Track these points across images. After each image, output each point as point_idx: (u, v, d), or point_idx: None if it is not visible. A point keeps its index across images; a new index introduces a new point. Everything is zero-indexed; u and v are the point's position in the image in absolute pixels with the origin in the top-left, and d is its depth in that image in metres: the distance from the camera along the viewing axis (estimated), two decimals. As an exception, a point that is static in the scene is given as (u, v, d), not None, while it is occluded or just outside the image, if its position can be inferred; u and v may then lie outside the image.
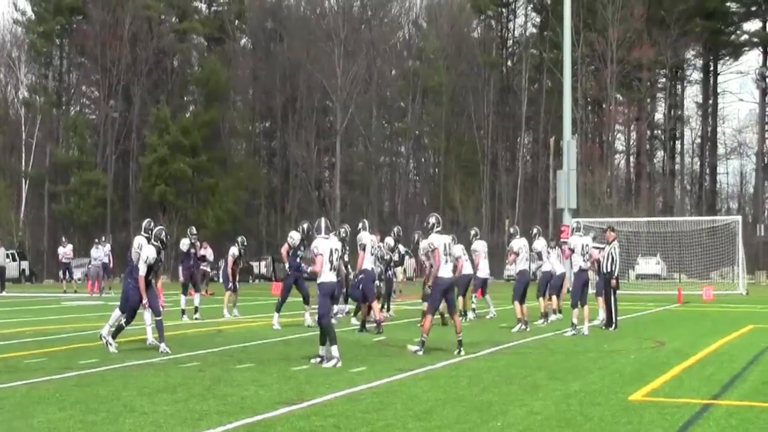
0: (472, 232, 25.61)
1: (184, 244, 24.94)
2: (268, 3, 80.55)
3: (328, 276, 14.24)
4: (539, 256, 22.17)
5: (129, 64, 71.77)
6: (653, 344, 17.91)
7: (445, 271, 15.74)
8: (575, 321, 19.81)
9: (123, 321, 16.37)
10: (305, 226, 21.22)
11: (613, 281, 21.25)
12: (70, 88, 79.30)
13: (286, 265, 21.90)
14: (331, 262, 14.25)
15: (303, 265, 20.78)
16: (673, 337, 19.36)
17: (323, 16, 77.13)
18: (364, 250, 20.49)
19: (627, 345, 18.00)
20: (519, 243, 21.29)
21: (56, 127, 75.07)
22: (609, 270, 21.30)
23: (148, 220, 17.60)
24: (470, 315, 23.86)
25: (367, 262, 20.61)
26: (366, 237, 20.82)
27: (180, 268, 25.80)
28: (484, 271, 24.47)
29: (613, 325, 21.27)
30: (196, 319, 23.76)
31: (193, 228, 25.95)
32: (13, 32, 78.21)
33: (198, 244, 26.28)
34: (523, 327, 20.52)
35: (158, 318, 16.04)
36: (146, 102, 73.30)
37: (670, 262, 53.06)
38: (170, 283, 49.17)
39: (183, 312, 24.18)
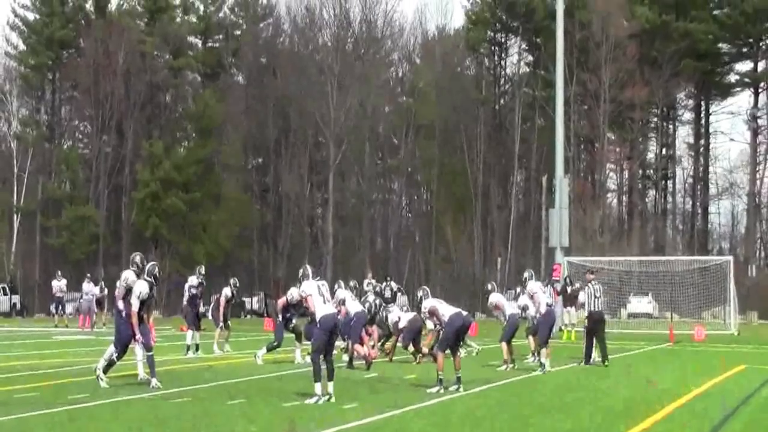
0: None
1: (193, 282, 24.84)
2: (262, 39, 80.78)
3: (324, 309, 14.26)
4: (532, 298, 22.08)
5: (122, 99, 71.70)
6: (645, 383, 17.90)
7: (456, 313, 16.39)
8: (544, 360, 19.98)
9: (114, 356, 16.30)
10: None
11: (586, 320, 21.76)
12: (62, 122, 79.27)
13: (279, 317, 22.07)
14: (323, 295, 14.36)
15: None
16: (665, 376, 19.35)
17: (317, 51, 77.40)
18: (344, 304, 20.61)
19: (618, 383, 18.00)
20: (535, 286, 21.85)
21: (48, 160, 74.95)
22: (594, 309, 21.80)
23: (138, 254, 17.28)
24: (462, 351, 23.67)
25: (355, 306, 20.99)
26: (341, 293, 21.10)
27: (187, 306, 25.12)
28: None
29: (589, 361, 21.77)
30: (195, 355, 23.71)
31: (202, 267, 25.90)
32: (5, 66, 78.31)
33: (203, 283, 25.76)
34: (510, 366, 20.62)
35: (149, 353, 16.00)
36: (139, 136, 73.24)
37: (662, 301, 53.05)
38: (162, 318, 49.06)
39: (197, 348, 24.08)
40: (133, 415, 12.56)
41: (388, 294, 37.80)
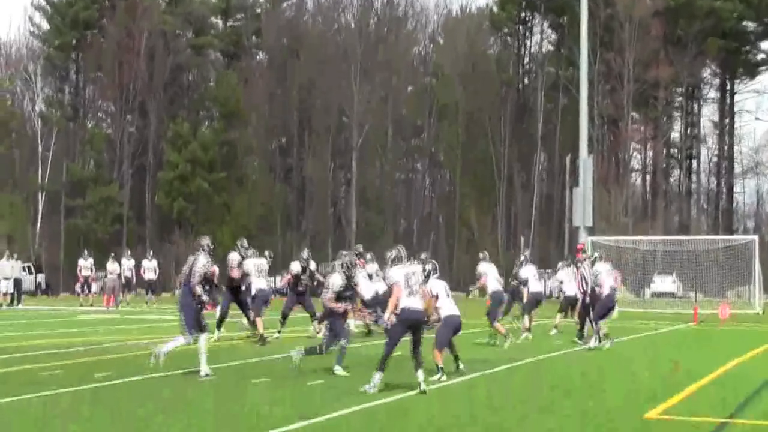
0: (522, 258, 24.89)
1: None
2: (284, 20, 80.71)
3: (407, 302, 13.16)
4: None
5: (145, 79, 71.99)
6: (668, 363, 17.84)
7: (453, 309, 15.13)
8: (597, 338, 20.49)
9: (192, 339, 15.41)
10: (305, 255, 23.44)
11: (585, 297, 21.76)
12: (86, 103, 79.54)
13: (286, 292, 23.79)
14: (410, 286, 13.25)
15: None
16: (689, 356, 19.28)
17: (339, 33, 77.30)
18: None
19: (642, 363, 17.95)
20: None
21: (72, 141, 75.29)
22: (585, 289, 21.84)
23: (206, 238, 16.18)
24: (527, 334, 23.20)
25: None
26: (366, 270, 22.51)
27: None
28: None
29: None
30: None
31: (244, 241, 24.33)
32: (29, 46, 78.63)
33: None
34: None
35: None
36: (162, 117, 73.46)
37: (686, 280, 52.89)
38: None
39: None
40: (159, 394, 12.61)
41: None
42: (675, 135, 79.29)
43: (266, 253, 24.10)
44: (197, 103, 78.08)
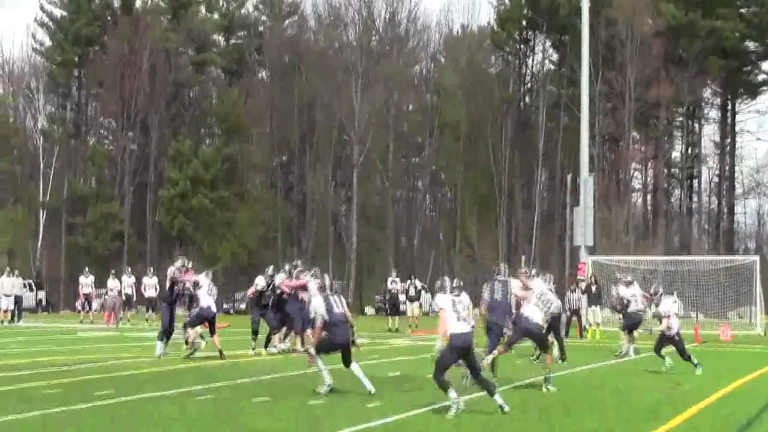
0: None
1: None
2: (286, 37, 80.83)
3: (457, 327, 13.25)
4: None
5: (147, 96, 72.11)
6: (670, 382, 17.80)
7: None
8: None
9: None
10: (270, 271, 24.56)
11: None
12: (88, 119, 79.59)
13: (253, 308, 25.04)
14: (457, 312, 13.36)
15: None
16: (691, 376, 19.24)
17: (341, 50, 77.39)
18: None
19: (643, 383, 17.91)
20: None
21: (74, 157, 75.34)
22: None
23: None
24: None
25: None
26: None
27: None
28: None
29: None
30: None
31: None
32: (32, 63, 78.83)
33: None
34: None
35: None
36: (164, 133, 73.52)
37: (687, 300, 52.77)
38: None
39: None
40: (159, 412, 12.58)
41: (412, 292, 38.66)
42: (676, 154, 79.32)
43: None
44: (199, 119, 78.19)
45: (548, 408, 13.65)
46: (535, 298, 16.49)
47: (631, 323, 24.91)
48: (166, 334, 22.44)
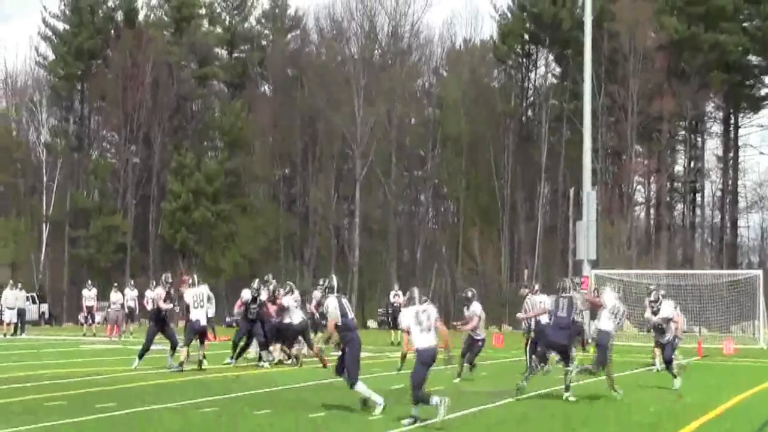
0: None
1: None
2: (288, 51, 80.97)
3: (422, 341, 13.36)
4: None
5: (149, 109, 72.22)
6: (672, 397, 17.79)
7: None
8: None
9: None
10: (255, 285, 24.95)
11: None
12: (91, 133, 79.63)
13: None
14: (420, 323, 13.43)
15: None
16: (693, 391, 19.21)
17: (343, 64, 77.44)
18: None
19: (646, 397, 17.89)
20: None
21: (77, 171, 75.39)
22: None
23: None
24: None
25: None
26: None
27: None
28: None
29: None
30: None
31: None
32: (35, 76, 78.93)
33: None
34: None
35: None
36: (167, 147, 73.61)
37: (690, 314, 52.71)
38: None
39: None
40: (163, 425, 12.59)
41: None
42: (679, 168, 79.24)
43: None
44: (201, 133, 78.24)
45: (549, 423, 13.64)
46: (608, 312, 17.02)
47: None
48: (145, 351, 22.93)
